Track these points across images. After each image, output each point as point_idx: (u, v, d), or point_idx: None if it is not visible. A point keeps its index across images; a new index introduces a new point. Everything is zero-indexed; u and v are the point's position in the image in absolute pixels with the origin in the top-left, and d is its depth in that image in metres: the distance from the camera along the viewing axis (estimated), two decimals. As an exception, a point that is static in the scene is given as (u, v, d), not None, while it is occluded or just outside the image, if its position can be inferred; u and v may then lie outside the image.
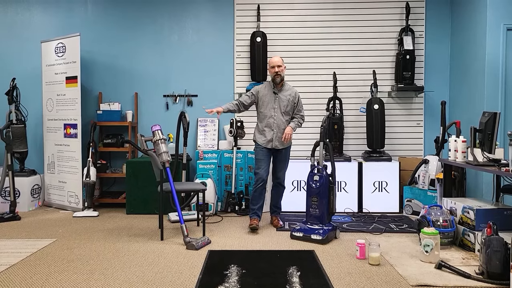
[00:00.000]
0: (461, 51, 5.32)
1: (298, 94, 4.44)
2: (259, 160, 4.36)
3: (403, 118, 5.62)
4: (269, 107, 4.34)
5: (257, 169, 4.34)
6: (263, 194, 4.36)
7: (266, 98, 4.36)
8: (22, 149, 5.22)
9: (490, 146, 3.49)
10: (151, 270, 3.19)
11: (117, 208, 5.25)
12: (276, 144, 4.33)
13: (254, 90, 4.43)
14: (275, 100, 4.33)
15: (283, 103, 4.32)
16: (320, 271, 3.16)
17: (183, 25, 5.69)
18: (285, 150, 4.42)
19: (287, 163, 4.47)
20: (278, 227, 4.40)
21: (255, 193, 4.35)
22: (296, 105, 4.39)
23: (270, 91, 4.36)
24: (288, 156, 4.47)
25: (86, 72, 5.54)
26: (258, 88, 4.44)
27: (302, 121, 4.45)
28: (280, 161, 4.42)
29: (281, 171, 4.43)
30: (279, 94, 4.33)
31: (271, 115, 4.33)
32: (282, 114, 4.33)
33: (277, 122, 4.31)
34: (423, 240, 3.33)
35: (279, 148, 4.35)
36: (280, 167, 4.43)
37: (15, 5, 5.72)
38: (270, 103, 4.34)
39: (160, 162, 4.01)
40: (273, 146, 4.34)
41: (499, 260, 2.87)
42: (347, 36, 5.60)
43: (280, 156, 4.40)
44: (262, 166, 4.32)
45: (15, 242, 3.90)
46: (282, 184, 4.47)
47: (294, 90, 4.42)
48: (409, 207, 4.99)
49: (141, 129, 5.69)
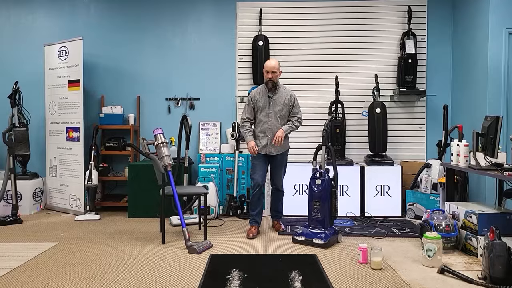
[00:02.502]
0: (463, 55, 5.31)
1: (294, 96, 4.30)
2: (254, 165, 4.30)
3: (405, 122, 5.62)
4: (263, 113, 4.24)
5: (253, 175, 4.28)
6: (261, 199, 4.31)
7: (260, 103, 4.25)
8: (25, 152, 5.22)
9: (493, 150, 3.49)
10: (153, 274, 3.19)
11: (118, 212, 5.25)
12: (271, 150, 4.24)
13: (250, 96, 4.34)
14: (270, 104, 4.23)
15: (278, 107, 4.22)
16: (322, 275, 3.15)
17: (185, 28, 5.70)
18: (281, 156, 4.32)
19: (284, 169, 4.39)
20: (280, 231, 4.38)
21: (253, 199, 4.32)
22: (291, 108, 4.26)
23: (264, 95, 4.25)
24: (284, 161, 4.39)
25: (88, 75, 5.54)
26: (253, 93, 4.33)
27: (298, 123, 4.31)
28: (276, 167, 4.34)
29: (278, 177, 4.36)
30: (273, 98, 4.23)
31: (265, 120, 4.23)
32: (277, 119, 4.23)
33: (271, 127, 4.21)
34: (425, 245, 3.32)
35: (274, 154, 4.26)
36: (276, 173, 4.35)
37: (18, 9, 5.75)
38: (265, 108, 4.23)
39: (162, 166, 4.01)
40: (268, 152, 4.24)
41: (502, 265, 2.86)
42: (349, 40, 5.60)
43: (276, 162, 4.32)
44: (258, 171, 4.24)
45: (17, 246, 3.90)
46: (280, 189, 4.40)
47: (290, 93, 4.29)
48: (412, 211, 4.97)
49: (143, 132, 5.69)
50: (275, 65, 4.19)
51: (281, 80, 5.50)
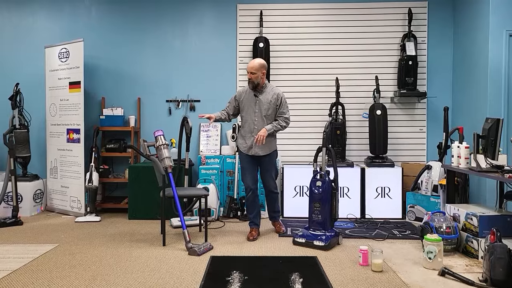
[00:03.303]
0: (464, 57, 5.31)
1: (282, 95, 4.17)
2: (243, 168, 4.25)
3: (406, 124, 5.62)
4: (250, 111, 4.17)
5: (243, 179, 4.25)
6: (256, 201, 4.27)
7: (247, 101, 4.18)
8: (25, 154, 5.23)
9: (493, 152, 3.49)
10: (153, 276, 3.19)
11: (119, 213, 5.25)
12: (257, 151, 4.14)
13: (237, 93, 4.31)
14: (256, 103, 4.14)
15: (264, 106, 4.12)
16: (323, 277, 3.15)
17: (186, 30, 5.71)
18: (269, 157, 4.21)
19: (273, 170, 4.28)
20: (280, 232, 4.36)
21: (247, 202, 4.29)
22: (278, 107, 4.14)
23: (251, 94, 4.17)
24: (273, 162, 4.28)
25: (89, 77, 5.55)
26: (240, 91, 4.29)
27: (285, 123, 4.16)
28: (266, 169, 4.23)
29: (268, 179, 4.24)
30: (259, 97, 4.14)
31: (252, 119, 4.15)
32: (263, 119, 4.12)
33: (258, 127, 4.11)
34: (426, 247, 3.32)
35: (261, 155, 4.17)
36: (266, 175, 4.24)
37: (19, 11, 5.76)
38: (251, 106, 4.15)
39: (162, 167, 4.01)
40: (254, 153, 4.16)
41: (503, 267, 2.86)
42: (350, 42, 5.61)
43: (264, 164, 4.22)
44: (247, 175, 4.20)
45: (17, 247, 3.90)
46: (273, 191, 4.29)
47: (277, 91, 4.17)
48: (412, 213, 4.97)
49: (143, 134, 5.69)
50: (254, 66, 4.06)
51: (281, 81, 5.58)
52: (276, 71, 5.57)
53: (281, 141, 5.40)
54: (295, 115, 5.59)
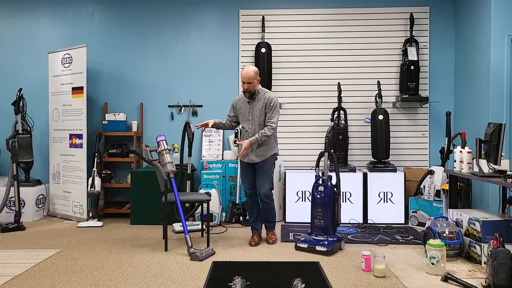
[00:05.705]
0: (466, 62, 5.32)
1: (271, 98, 4.06)
2: (242, 174, 4.34)
3: (408, 129, 5.61)
4: (245, 119, 4.17)
5: (243, 184, 4.35)
6: (254, 206, 4.27)
7: (242, 109, 4.18)
8: (28, 159, 5.24)
9: (496, 157, 3.48)
10: (155, 281, 3.18)
11: (121, 218, 5.25)
12: (252, 158, 4.12)
13: (233, 102, 4.30)
14: (249, 111, 4.13)
15: (257, 113, 4.09)
16: (325, 283, 3.13)
17: (188, 35, 5.73)
18: (263, 163, 4.12)
19: (268, 177, 4.13)
20: (269, 242, 4.21)
21: (246, 206, 4.37)
22: (267, 112, 4.05)
23: (245, 101, 4.16)
24: (267, 169, 4.14)
25: (92, 82, 5.57)
26: (236, 99, 4.29)
27: (269, 132, 4.00)
28: (259, 175, 4.14)
29: (261, 185, 4.11)
30: (252, 104, 4.12)
31: (247, 127, 4.15)
32: (258, 126, 4.08)
33: (252, 134, 4.08)
34: (429, 252, 3.30)
35: (256, 161, 4.13)
36: (258, 182, 4.15)
37: (22, 16, 5.79)
38: (246, 114, 4.15)
39: (164, 172, 4.01)
40: (249, 160, 4.15)
41: (506, 272, 2.85)
42: (352, 47, 5.62)
43: (258, 170, 4.15)
44: (245, 180, 4.26)
45: (19, 253, 3.90)
46: (266, 200, 4.13)
47: (267, 96, 4.08)
48: (415, 218, 4.96)
49: (146, 139, 5.70)
50: (250, 76, 4.00)
51: (283, 86, 5.59)
52: (278, 76, 5.59)
53: (283, 146, 5.42)
54: (297, 120, 5.63)
